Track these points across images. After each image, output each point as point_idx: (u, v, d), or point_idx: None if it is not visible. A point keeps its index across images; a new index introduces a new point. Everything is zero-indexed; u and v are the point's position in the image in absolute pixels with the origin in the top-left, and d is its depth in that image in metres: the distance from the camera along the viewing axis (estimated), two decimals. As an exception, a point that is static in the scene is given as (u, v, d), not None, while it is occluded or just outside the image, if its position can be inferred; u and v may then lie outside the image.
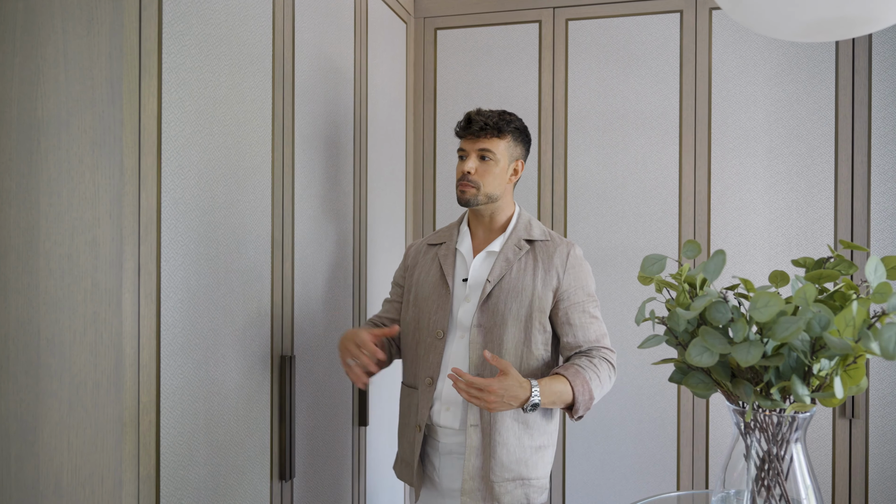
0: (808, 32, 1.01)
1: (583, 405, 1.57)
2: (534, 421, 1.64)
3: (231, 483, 1.45)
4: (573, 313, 1.65)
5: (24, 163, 1.17)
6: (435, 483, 1.70)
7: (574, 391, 1.54)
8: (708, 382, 1.15)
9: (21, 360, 1.17)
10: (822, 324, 0.99)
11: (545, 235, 1.71)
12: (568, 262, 1.66)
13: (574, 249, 1.69)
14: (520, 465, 1.62)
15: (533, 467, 1.64)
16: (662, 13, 2.42)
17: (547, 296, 1.64)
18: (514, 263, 1.66)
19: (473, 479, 1.61)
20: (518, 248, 1.67)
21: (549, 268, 1.66)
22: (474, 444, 1.61)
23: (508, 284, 1.64)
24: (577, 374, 1.56)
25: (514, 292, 1.63)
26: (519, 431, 1.62)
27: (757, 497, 1.15)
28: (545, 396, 1.51)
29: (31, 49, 1.16)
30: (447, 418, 1.65)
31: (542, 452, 1.66)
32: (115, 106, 1.12)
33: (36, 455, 1.17)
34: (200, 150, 1.34)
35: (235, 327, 1.47)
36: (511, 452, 1.61)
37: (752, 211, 2.35)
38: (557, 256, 1.66)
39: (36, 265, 1.16)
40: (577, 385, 1.55)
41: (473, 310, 1.65)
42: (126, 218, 1.13)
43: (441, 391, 1.65)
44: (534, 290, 1.64)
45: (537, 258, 1.67)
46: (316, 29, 1.81)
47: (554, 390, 1.53)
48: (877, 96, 2.26)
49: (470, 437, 1.61)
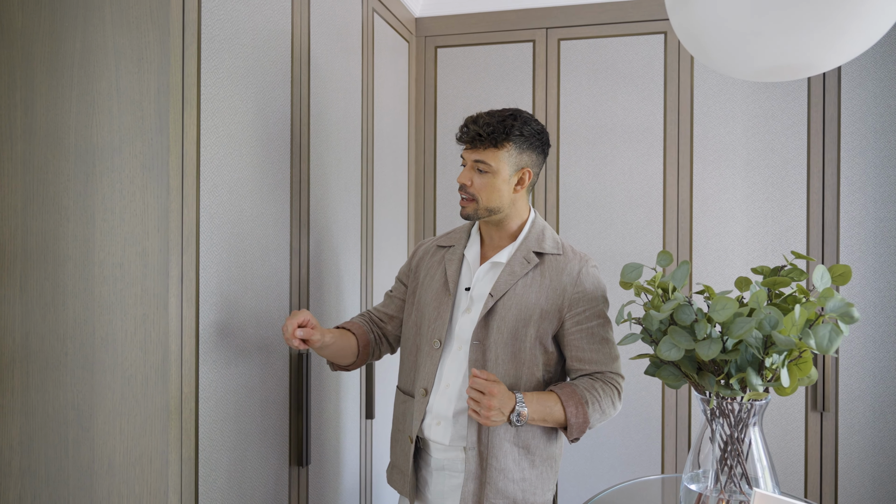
0: (759, 75, 1.19)
1: (576, 427, 1.48)
2: (535, 445, 1.55)
3: (256, 467, 1.62)
4: (580, 336, 1.54)
5: (80, 183, 1.33)
6: (425, 498, 1.63)
7: (566, 411, 1.46)
8: (678, 374, 1.33)
9: (78, 357, 1.34)
10: (771, 323, 1.16)
11: (557, 249, 1.59)
12: (578, 280, 1.55)
13: (587, 266, 1.57)
14: (517, 492, 1.53)
15: (531, 494, 1.55)
16: (648, 34, 2.60)
17: (553, 315, 1.54)
18: (520, 278, 1.55)
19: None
20: (526, 261, 1.56)
21: (557, 285, 1.54)
22: (472, 470, 1.52)
23: (512, 300, 1.54)
24: (571, 394, 1.48)
25: (516, 309, 1.53)
26: (518, 457, 1.53)
27: (721, 475, 1.32)
28: (531, 407, 1.44)
29: (87, 84, 1.33)
30: (437, 433, 1.57)
31: (544, 478, 1.57)
32: (163, 135, 1.29)
33: (91, 439, 1.33)
34: (231, 170, 1.51)
35: (259, 327, 1.63)
36: (509, 478, 1.52)
37: (730, 219, 2.53)
38: (567, 274, 1.55)
39: (91, 273, 1.33)
40: (570, 406, 1.47)
41: (473, 324, 1.56)
42: (171, 231, 1.30)
43: (433, 404, 1.57)
44: (539, 308, 1.53)
45: (545, 274, 1.56)
46: (328, 53, 1.98)
47: (542, 405, 1.46)
48: (846, 112, 2.44)
49: (468, 461, 1.52)
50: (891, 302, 2.40)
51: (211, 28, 1.43)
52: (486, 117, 1.53)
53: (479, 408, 1.38)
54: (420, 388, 1.59)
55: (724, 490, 1.31)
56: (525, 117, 1.56)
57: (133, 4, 1.30)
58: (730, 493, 1.30)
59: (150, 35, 1.29)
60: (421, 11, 2.78)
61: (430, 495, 1.61)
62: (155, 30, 1.29)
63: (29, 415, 1.37)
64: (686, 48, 1.26)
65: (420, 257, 1.74)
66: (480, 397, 1.38)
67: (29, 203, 1.36)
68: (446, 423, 1.56)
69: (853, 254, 2.43)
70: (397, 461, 1.67)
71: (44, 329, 1.36)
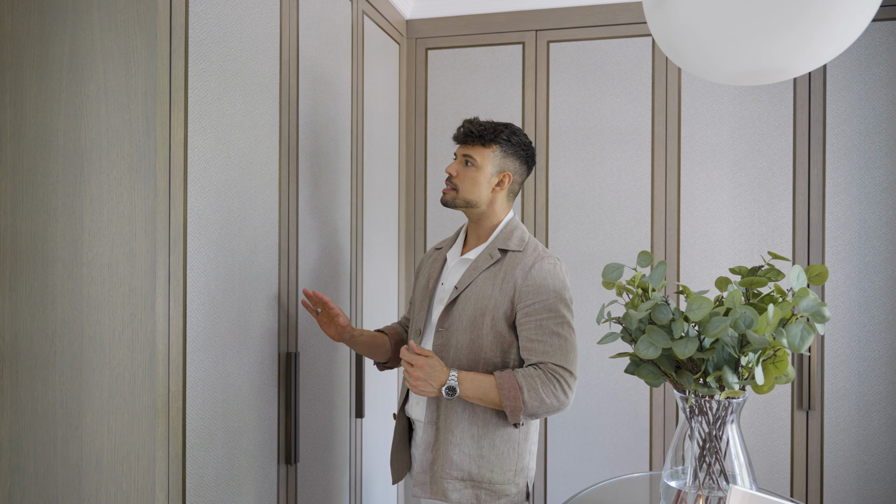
0: (735, 79, 1.21)
1: (509, 409, 1.57)
2: (494, 425, 1.66)
3: (244, 465, 1.64)
4: (528, 327, 1.63)
5: (69, 185, 1.35)
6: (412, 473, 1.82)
7: (500, 393, 1.57)
8: (657, 373, 1.35)
9: (67, 356, 1.36)
10: (746, 323, 1.19)
11: (519, 246, 1.71)
12: (529, 275, 1.65)
13: (542, 262, 1.66)
14: (472, 466, 1.65)
15: (488, 471, 1.65)
16: (636, 37, 2.63)
17: (504, 305, 1.65)
18: (481, 272, 1.69)
19: (425, 473, 1.67)
20: (490, 257, 1.70)
21: (510, 278, 1.66)
22: (429, 440, 1.68)
23: (472, 292, 1.68)
24: (507, 378, 1.58)
25: (474, 300, 1.67)
26: (477, 434, 1.65)
27: (699, 472, 1.34)
28: (464, 385, 1.57)
29: (75, 87, 1.35)
30: (417, 412, 1.77)
31: (505, 460, 1.66)
32: (150, 137, 1.31)
33: (80, 437, 1.35)
34: (219, 171, 1.53)
35: (248, 327, 1.65)
36: (463, 452, 1.65)
37: (717, 219, 2.56)
38: (520, 268, 1.66)
39: (80, 273, 1.35)
40: (504, 388, 1.56)
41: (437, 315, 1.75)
42: (159, 232, 1.32)
43: None
44: (493, 299, 1.66)
45: (503, 268, 1.68)
46: (318, 55, 2.00)
47: (477, 384, 1.57)
48: (831, 114, 2.47)
49: (425, 432, 1.68)
50: (875, 302, 2.42)
51: (199, 31, 1.45)
52: (481, 121, 1.74)
53: (407, 376, 1.57)
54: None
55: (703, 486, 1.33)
56: (515, 129, 1.76)
57: (121, 8, 1.32)
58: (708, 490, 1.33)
59: (137, 39, 1.31)
60: (411, 13, 2.80)
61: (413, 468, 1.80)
62: (142, 33, 1.31)
63: (18, 413, 1.39)
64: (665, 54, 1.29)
65: (422, 261, 1.96)
66: (409, 368, 1.56)
67: (18, 204, 1.38)
68: (422, 402, 1.76)
69: (838, 254, 2.46)
70: (394, 441, 1.86)
71: (32, 328, 1.37)
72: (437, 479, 1.66)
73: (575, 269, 2.67)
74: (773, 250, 2.52)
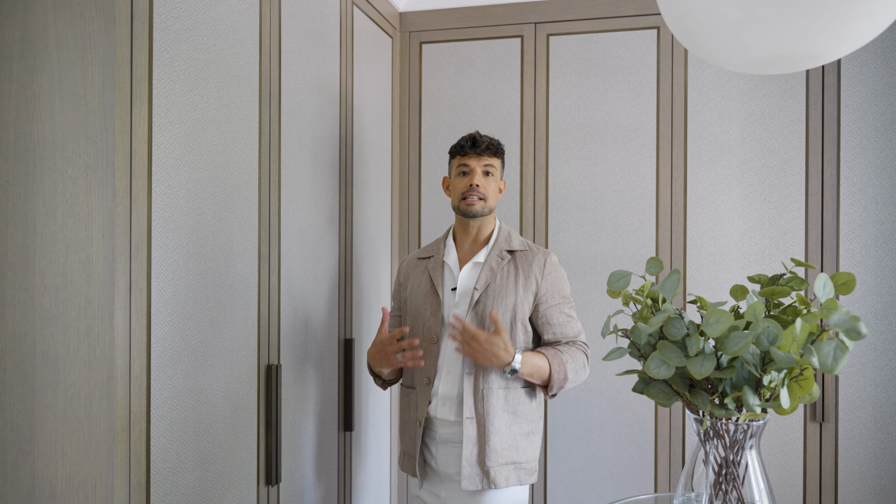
0: (756, 67, 1.08)
1: (557, 383, 1.78)
2: (522, 410, 1.83)
3: (218, 488, 1.51)
4: (552, 314, 1.86)
5: (20, 185, 1.22)
6: (434, 469, 1.88)
7: (551, 369, 1.76)
8: (668, 392, 1.22)
9: (17, 373, 1.23)
10: (770, 338, 1.06)
11: (524, 246, 1.91)
12: (545, 269, 1.87)
13: (550, 257, 1.89)
14: (511, 451, 1.81)
15: (523, 451, 1.83)
16: (640, 29, 2.50)
17: (528, 299, 1.85)
18: (497, 272, 1.86)
19: (472, 466, 1.79)
20: (500, 259, 1.87)
21: (528, 274, 1.86)
22: (471, 435, 1.79)
23: (493, 291, 1.84)
24: (556, 355, 1.79)
25: (498, 298, 1.83)
26: (510, 420, 1.81)
27: (714, 500, 1.22)
28: (525, 366, 1.74)
29: (27, 77, 1.22)
30: (444, 412, 1.84)
31: (531, 438, 1.86)
32: (108, 132, 1.18)
33: (32, 463, 1.23)
34: (189, 170, 1.40)
35: (223, 338, 1.53)
36: (503, 440, 1.80)
37: (726, 221, 2.43)
38: (536, 264, 1.87)
39: (32, 282, 1.22)
40: (555, 364, 1.77)
41: (464, 315, 1.84)
42: (118, 237, 1.19)
43: (438, 388, 1.85)
44: (516, 294, 1.84)
45: (518, 266, 1.87)
46: (302, 47, 1.88)
47: (534, 363, 1.76)
48: (846, 111, 2.34)
49: (466, 428, 1.79)
50: (892, 308, 2.30)
51: (165, 17, 1.32)
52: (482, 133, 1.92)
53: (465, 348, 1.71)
54: (423, 378, 1.87)
55: (719, 517, 1.20)
56: None
57: (76, -10, 1.19)
58: (725, 521, 1.20)
59: (94, 23, 1.18)
60: (405, 5, 2.67)
61: (436, 465, 1.87)
62: (99, 17, 1.18)
63: (-35, 436, 1.26)
64: (677, 38, 1.16)
65: (406, 272, 2.01)
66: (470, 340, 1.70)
67: (-35, 206, 1.25)
68: (451, 403, 1.84)
69: (854, 258, 2.33)
70: (407, 447, 1.93)
71: (-20, 343, 1.25)
72: (486, 469, 1.79)
73: (576, 273, 2.54)
74: (784, 253, 2.39)
